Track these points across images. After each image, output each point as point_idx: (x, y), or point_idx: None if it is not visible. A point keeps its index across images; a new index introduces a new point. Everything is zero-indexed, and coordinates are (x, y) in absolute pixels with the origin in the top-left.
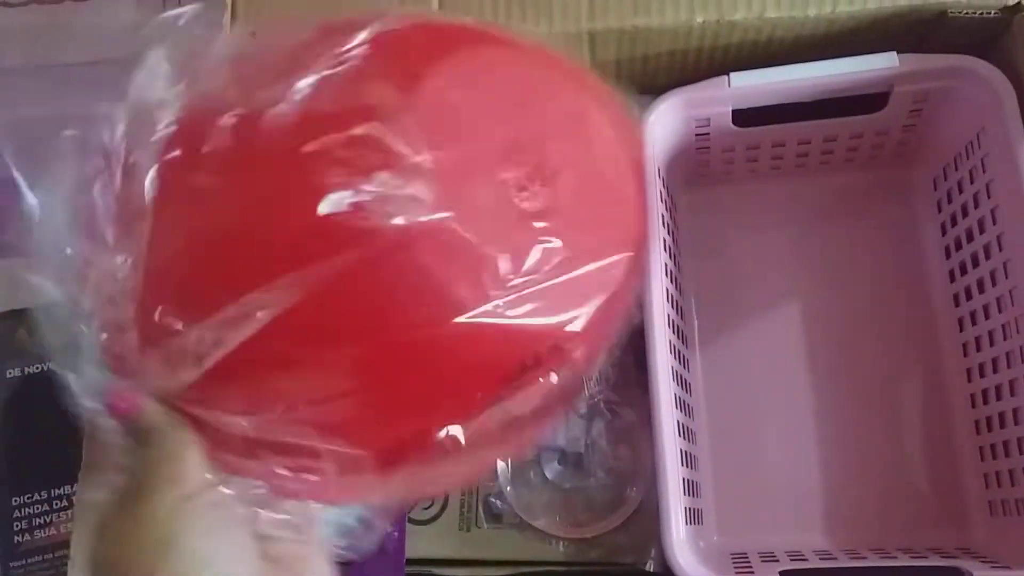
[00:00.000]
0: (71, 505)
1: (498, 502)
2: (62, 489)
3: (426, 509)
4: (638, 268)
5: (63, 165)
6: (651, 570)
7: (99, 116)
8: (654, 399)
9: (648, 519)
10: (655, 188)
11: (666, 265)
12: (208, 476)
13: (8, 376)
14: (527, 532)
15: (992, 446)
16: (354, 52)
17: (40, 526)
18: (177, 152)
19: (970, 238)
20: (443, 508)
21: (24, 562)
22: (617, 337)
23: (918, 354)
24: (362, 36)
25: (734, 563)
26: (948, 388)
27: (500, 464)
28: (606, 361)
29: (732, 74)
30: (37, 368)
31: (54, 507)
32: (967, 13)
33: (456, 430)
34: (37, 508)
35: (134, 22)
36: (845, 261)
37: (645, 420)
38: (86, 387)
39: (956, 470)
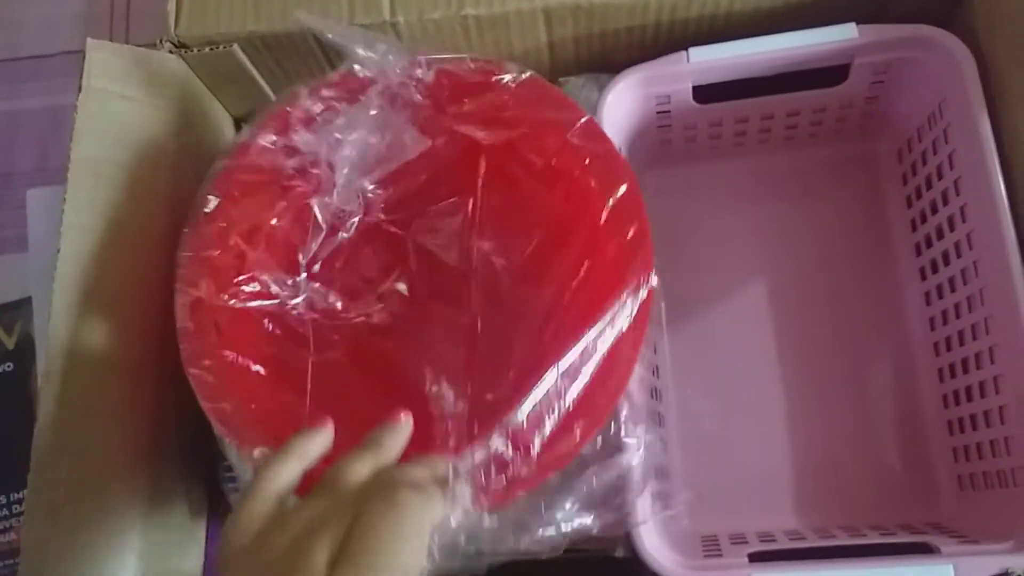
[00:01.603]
0: None
1: None
2: (22, 493)
3: None
4: None
5: None
6: (621, 556)
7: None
8: None
9: None
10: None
11: None
12: None
13: None
14: None
15: (960, 420)
16: None
17: (1, 531)
18: None
19: (934, 210)
20: None
21: None
22: None
23: (886, 330)
24: None
25: (704, 547)
26: (916, 363)
27: None
28: None
29: (691, 49)
30: None
31: (14, 512)
32: None
33: None
34: None
35: (84, 14)
36: (812, 237)
37: None
38: None
39: (925, 445)
